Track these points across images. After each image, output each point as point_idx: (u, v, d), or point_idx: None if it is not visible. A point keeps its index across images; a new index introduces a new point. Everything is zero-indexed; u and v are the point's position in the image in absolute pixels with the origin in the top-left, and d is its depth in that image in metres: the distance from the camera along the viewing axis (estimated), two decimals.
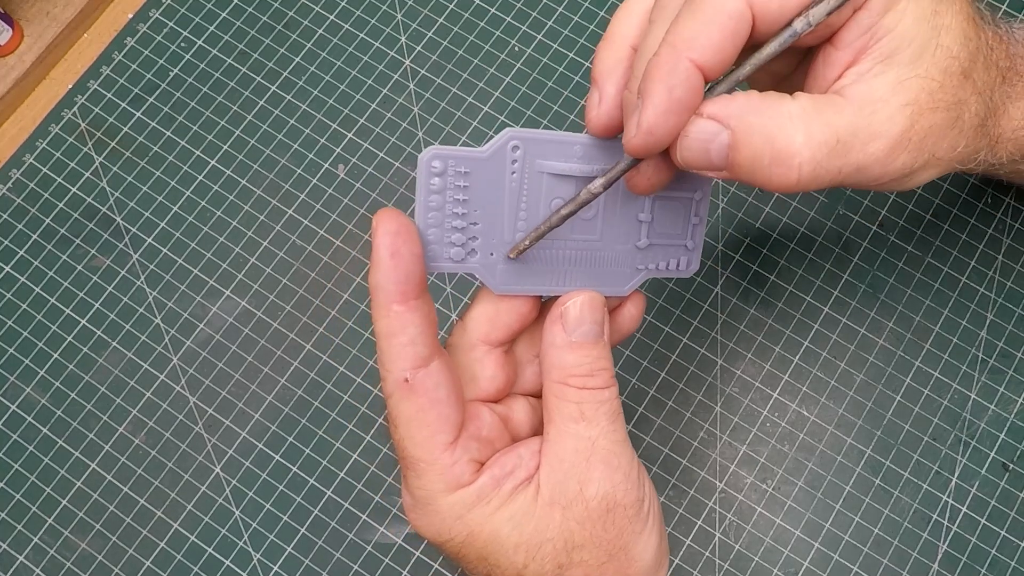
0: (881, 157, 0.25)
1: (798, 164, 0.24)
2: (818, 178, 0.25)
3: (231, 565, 0.41)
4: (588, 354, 0.28)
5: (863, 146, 0.25)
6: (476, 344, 0.29)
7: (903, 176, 0.27)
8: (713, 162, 0.25)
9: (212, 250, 0.46)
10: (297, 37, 0.49)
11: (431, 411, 0.26)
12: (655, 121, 0.24)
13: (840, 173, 0.25)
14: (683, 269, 0.31)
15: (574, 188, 0.28)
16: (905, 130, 0.25)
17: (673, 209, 0.30)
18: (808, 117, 0.25)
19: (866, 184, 0.27)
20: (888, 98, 0.25)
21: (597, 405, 0.27)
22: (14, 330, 0.45)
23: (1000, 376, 0.43)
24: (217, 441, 0.43)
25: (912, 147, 0.26)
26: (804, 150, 0.24)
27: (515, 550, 0.27)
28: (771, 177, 0.25)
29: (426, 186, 0.26)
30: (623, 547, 0.27)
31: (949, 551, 0.40)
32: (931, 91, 0.25)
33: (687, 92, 0.24)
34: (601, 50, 0.28)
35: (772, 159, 0.24)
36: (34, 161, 0.47)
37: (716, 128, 0.25)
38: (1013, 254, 0.44)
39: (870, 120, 0.25)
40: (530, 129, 0.27)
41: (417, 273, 0.25)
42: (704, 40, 0.24)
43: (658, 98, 0.24)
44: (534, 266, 0.28)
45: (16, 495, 0.42)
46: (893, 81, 0.25)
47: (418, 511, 0.27)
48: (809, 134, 0.24)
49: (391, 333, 0.25)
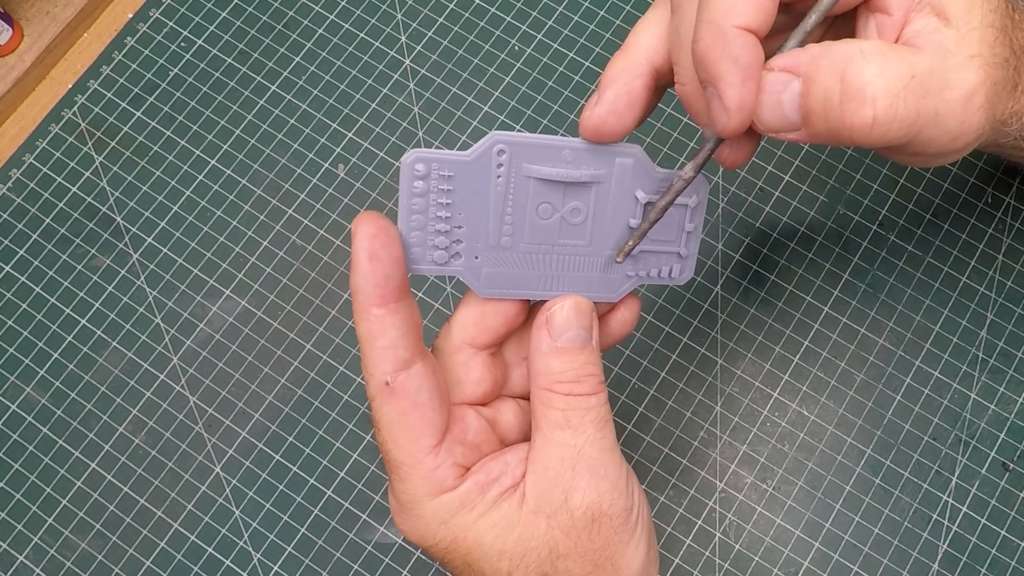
0: (958, 108, 0.24)
1: (871, 96, 0.23)
2: (897, 118, 0.23)
3: (231, 565, 0.41)
4: (574, 360, 0.27)
5: (940, 91, 0.24)
6: (461, 347, 0.28)
7: (976, 138, 0.26)
8: (788, 117, 0.24)
9: (212, 250, 0.46)
10: (297, 37, 0.49)
11: (413, 414, 0.26)
12: (739, 93, 0.24)
13: (919, 117, 0.24)
14: (675, 276, 0.31)
15: (562, 192, 0.27)
16: (980, 82, 0.24)
17: (667, 216, 0.29)
18: (881, 52, 0.24)
19: (935, 146, 0.25)
20: (955, 50, 0.24)
21: (583, 412, 0.27)
22: (14, 330, 0.45)
23: (1000, 376, 0.43)
24: (217, 441, 0.43)
25: (986, 103, 0.25)
26: (877, 80, 0.23)
27: (499, 557, 0.26)
28: (845, 117, 0.23)
29: (408, 189, 0.26)
30: (609, 557, 0.27)
31: (949, 551, 0.40)
32: (990, 43, 0.25)
33: (751, 55, 0.23)
34: (615, 58, 0.27)
35: (843, 95, 0.23)
36: (34, 161, 0.47)
37: (787, 78, 0.24)
38: (1013, 254, 0.44)
39: (944, 67, 0.24)
40: (516, 133, 0.27)
41: (397, 276, 0.25)
42: (740, 4, 0.23)
43: (730, 73, 0.23)
44: (520, 270, 0.28)
45: (16, 495, 0.42)
46: (955, 35, 0.24)
47: (403, 515, 0.27)
48: (883, 66, 0.23)
49: (371, 336, 0.25)
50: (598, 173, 0.27)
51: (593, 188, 0.28)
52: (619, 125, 0.27)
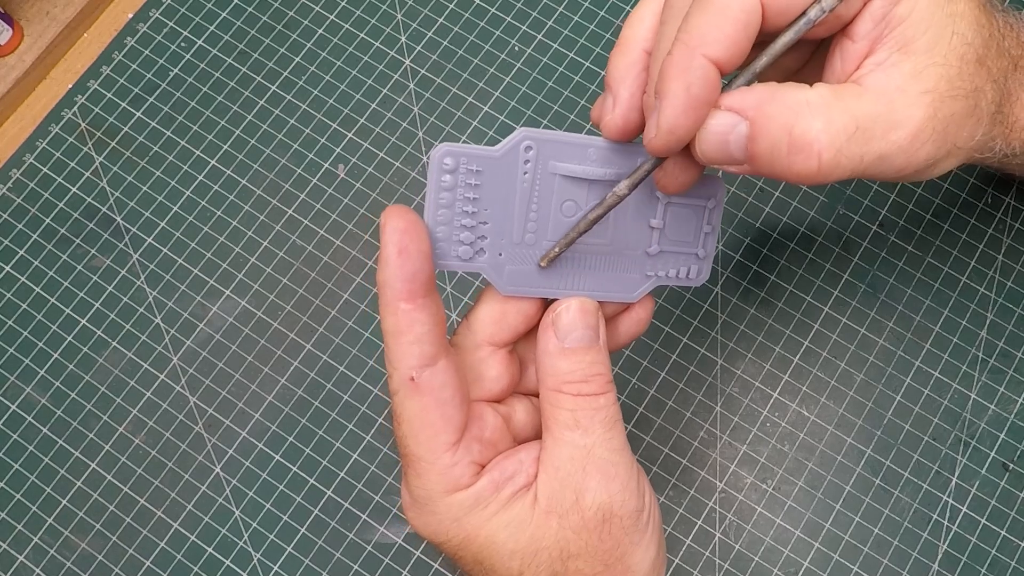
0: (904, 146, 0.25)
1: (817, 151, 0.24)
2: (840, 166, 0.24)
3: (231, 565, 0.41)
4: (581, 360, 0.27)
5: (884, 134, 0.25)
6: (481, 344, 0.28)
7: (927, 167, 0.26)
8: (733, 155, 0.25)
9: (212, 250, 0.46)
10: (297, 37, 0.49)
11: (435, 411, 0.26)
12: (675, 119, 0.24)
13: (862, 161, 0.25)
14: (693, 278, 0.31)
15: (586, 190, 0.27)
16: (927, 118, 0.25)
17: (685, 217, 0.29)
18: (827, 104, 0.24)
19: (889, 175, 0.26)
20: (907, 87, 0.25)
21: (592, 412, 0.27)
22: (14, 330, 0.45)
23: (1000, 376, 0.43)
24: (217, 441, 0.43)
25: (936, 136, 0.25)
26: (823, 136, 0.24)
27: (511, 556, 0.27)
28: (791, 166, 0.24)
29: (437, 183, 0.26)
30: (620, 557, 0.27)
31: (949, 551, 0.40)
32: (949, 79, 0.25)
33: (704, 88, 0.24)
34: (614, 55, 0.28)
35: (791, 147, 0.24)
36: (34, 161, 0.47)
37: (734, 120, 0.24)
38: (1013, 254, 0.44)
39: (890, 108, 0.25)
40: (544, 130, 0.27)
41: (425, 271, 0.25)
42: (716, 35, 0.23)
43: (676, 97, 0.24)
44: (543, 269, 0.28)
45: (16, 495, 0.42)
46: (911, 70, 0.25)
47: (416, 510, 0.27)
48: (828, 120, 0.24)
49: (398, 331, 0.25)
50: (622, 172, 0.27)
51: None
52: (641, 121, 0.27)
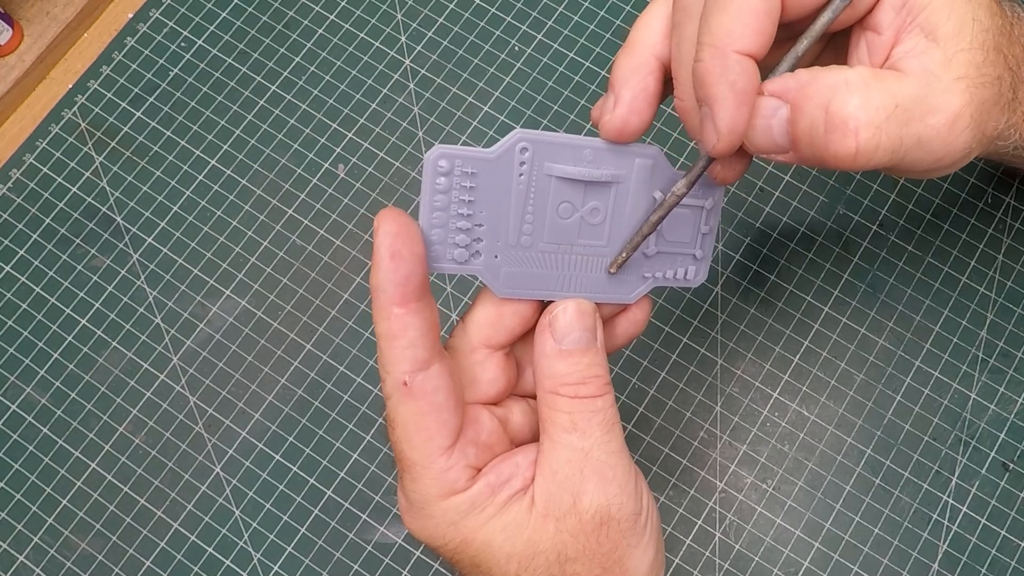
0: (943, 132, 0.25)
1: (854, 128, 0.24)
2: (880, 147, 0.24)
3: (231, 565, 0.41)
4: (579, 362, 0.27)
5: (923, 117, 0.24)
6: (477, 347, 0.28)
7: (963, 156, 0.26)
8: (776, 140, 0.25)
9: (212, 250, 0.46)
10: (297, 37, 0.49)
11: (429, 415, 0.26)
12: (731, 119, 0.24)
13: (902, 144, 0.24)
14: (690, 279, 0.31)
15: (582, 192, 0.27)
16: (965, 104, 0.25)
17: (683, 218, 0.29)
18: (865, 83, 0.24)
19: (926, 164, 0.26)
20: (941, 73, 0.25)
21: (590, 415, 0.27)
22: (14, 330, 0.45)
23: (1000, 376, 0.43)
24: (217, 441, 0.43)
25: (972, 124, 0.25)
26: (860, 112, 0.24)
27: (507, 560, 0.26)
28: (828, 146, 0.24)
29: (431, 185, 0.26)
30: (617, 560, 0.27)
31: (949, 551, 0.40)
32: (977, 65, 0.25)
33: (747, 81, 0.24)
34: (620, 57, 0.28)
35: (828, 125, 0.24)
36: (34, 161, 0.47)
37: (776, 104, 0.24)
38: (1013, 254, 0.44)
39: (929, 91, 0.24)
40: (539, 131, 0.26)
41: (418, 275, 0.25)
42: (741, 29, 0.24)
43: (725, 98, 0.24)
44: (538, 270, 0.28)
45: (16, 495, 0.42)
46: (942, 57, 0.25)
47: (412, 514, 0.27)
48: (866, 97, 0.24)
49: (391, 335, 0.25)
50: (619, 173, 0.27)
51: (613, 188, 0.28)
52: (640, 123, 0.27)
